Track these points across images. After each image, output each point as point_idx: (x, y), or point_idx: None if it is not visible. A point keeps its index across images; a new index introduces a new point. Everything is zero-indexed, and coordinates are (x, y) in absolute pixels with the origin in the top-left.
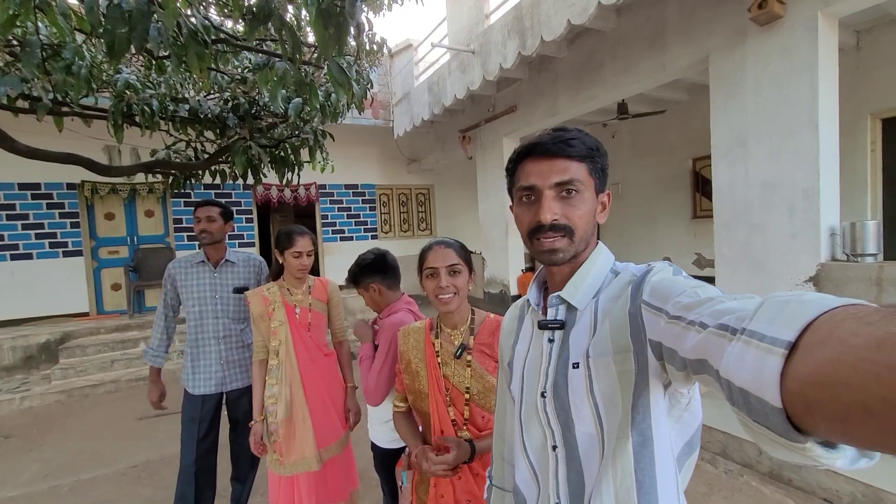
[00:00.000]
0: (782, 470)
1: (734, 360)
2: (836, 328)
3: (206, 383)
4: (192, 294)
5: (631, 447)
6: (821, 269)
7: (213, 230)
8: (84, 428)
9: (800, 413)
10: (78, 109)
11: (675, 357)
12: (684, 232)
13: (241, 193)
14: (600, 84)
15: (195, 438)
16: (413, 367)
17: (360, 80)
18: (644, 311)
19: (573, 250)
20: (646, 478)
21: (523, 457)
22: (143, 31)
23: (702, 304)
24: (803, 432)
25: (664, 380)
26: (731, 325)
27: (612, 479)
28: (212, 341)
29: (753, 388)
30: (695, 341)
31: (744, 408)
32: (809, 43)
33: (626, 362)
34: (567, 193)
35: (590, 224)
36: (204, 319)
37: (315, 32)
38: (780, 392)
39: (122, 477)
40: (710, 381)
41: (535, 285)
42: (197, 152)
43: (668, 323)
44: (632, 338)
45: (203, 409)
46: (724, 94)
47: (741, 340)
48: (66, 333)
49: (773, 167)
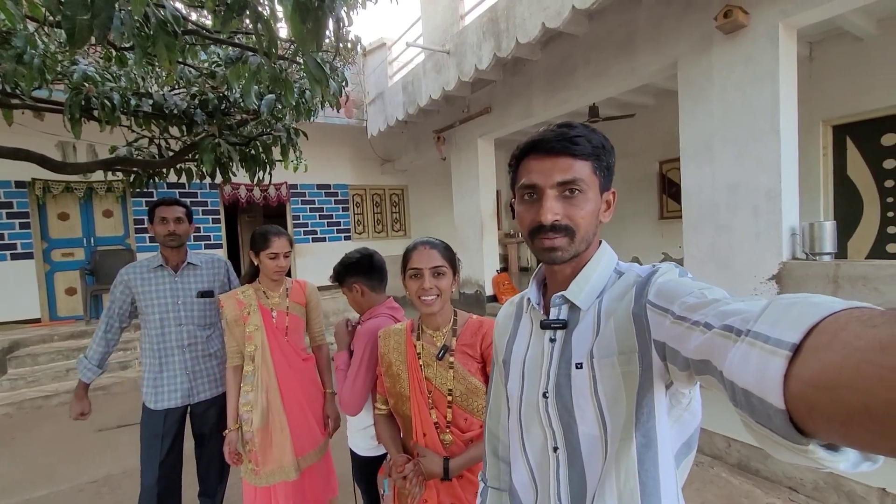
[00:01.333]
0: (750, 461)
1: (738, 361)
2: (840, 331)
3: (170, 396)
4: (152, 301)
5: (635, 449)
6: (783, 267)
7: (181, 232)
8: (36, 442)
9: (802, 415)
10: (30, 102)
11: (678, 357)
12: (652, 232)
13: (208, 193)
14: (573, 87)
15: (158, 457)
16: (394, 369)
17: (335, 77)
18: (649, 311)
19: (573, 250)
20: (649, 479)
21: (522, 458)
22: (106, 19)
23: (708, 304)
24: (806, 435)
25: (666, 380)
26: (737, 326)
27: (615, 481)
28: (175, 351)
29: (757, 389)
30: (699, 342)
31: (747, 409)
32: (771, 52)
33: (631, 363)
34: (570, 193)
35: (592, 224)
36: (166, 328)
37: (292, 27)
38: (784, 394)
39: (80, 493)
40: (713, 382)
41: (534, 284)
42: (161, 149)
43: (672, 323)
44: (636, 338)
45: (166, 424)
46: (692, 99)
47: (746, 342)
48: (16, 341)
49: (738, 170)
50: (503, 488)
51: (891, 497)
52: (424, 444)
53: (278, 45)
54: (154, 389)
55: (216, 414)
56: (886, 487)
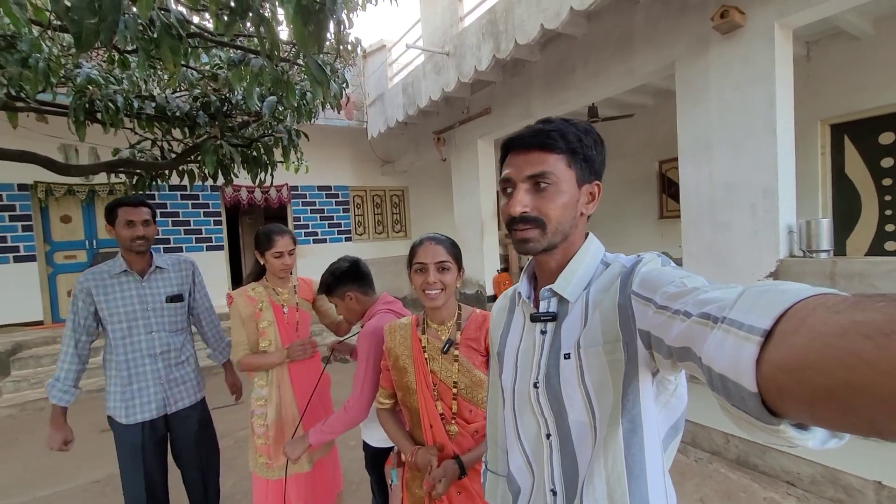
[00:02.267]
0: (748, 456)
1: (715, 347)
2: (807, 317)
3: (143, 408)
4: (117, 309)
5: (621, 434)
6: (780, 264)
7: (150, 235)
8: (40, 443)
9: (773, 397)
10: (34, 105)
11: (662, 345)
12: (652, 232)
13: (209, 195)
14: (572, 88)
15: (140, 467)
16: (401, 363)
17: (336, 78)
18: (633, 301)
19: (546, 242)
20: (635, 463)
21: (517, 445)
22: (112, 23)
23: (687, 293)
24: (777, 415)
25: (652, 368)
26: (713, 314)
27: (603, 465)
28: (147, 360)
29: (732, 373)
30: (679, 329)
31: (723, 393)
32: (767, 52)
33: (616, 352)
34: (540, 186)
35: (566, 216)
36: (134, 336)
37: (294, 29)
38: (756, 377)
39: (84, 493)
40: (695, 368)
41: (525, 277)
42: (163, 151)
43: (655, 312)
44: (621, 328)
45: (144, 434)
46: (690, 99)
47: (721, 329)
48: (19, 343)
49: (736, 169)
50: (502, 474)
51: (886, 490)
52: (432, 435)
53: (280, 48)
54: (123, 403)
55: (197, 422)
56: (882, 480)
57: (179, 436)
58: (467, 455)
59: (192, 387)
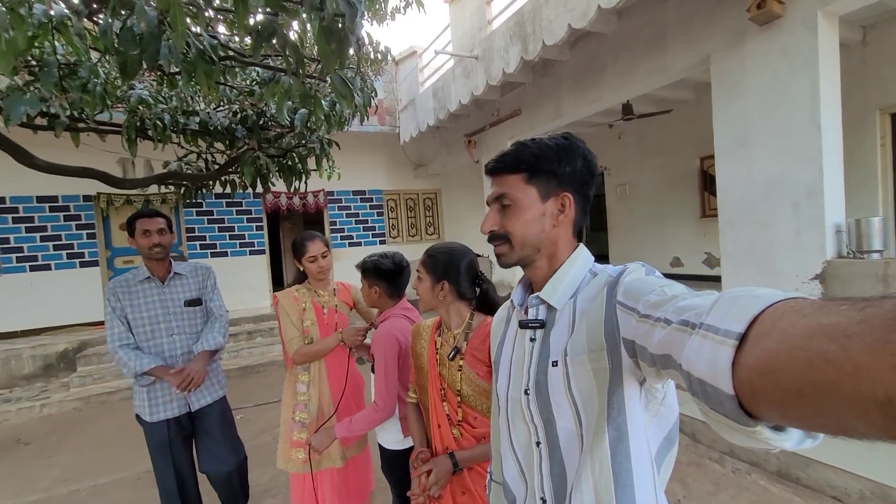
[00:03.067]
0: (790, 469)
1: (693, 352)
2: (778, 320)
3: (166, 407)
4: (141, 313)
5: (607, 442)
6: (826, 266)
7: (166, 243)
8: (101, 434)
9: (748, 399)
10: (93, 125)
11: (646, 353)
12: (693, 231)
13: (252, 202)
14: (603, 86)
15: (169, 462)
16: (420, 362)
17: (364, 89)
18: (618, 310)
19: (515, 255)
20: (622, 471)
21: (510, 453)
22: (153, 52)
23: (667, 301)
24: (753, 417)
25: (639, 377)
26: (691, 320)
27: (590, 473)
28: (168, 362)
29: (709, 377)
30: (661, 337)
31: (702, 397)
32: (809, 41)
33: (601, 360)
34: (503, 206)
35: (530, 230)
36: (157, 339)
37: (318, 47)
38: (732, 380)
39: (138, 482)
40: (676, 375)
41: (520, 286)
42: (207, 163)
43: (638, 321)
44: (605, 336)
45: (170, 431)
46: (726, 94)
47: (699, 334)
48: (84, 342)
49: (777, 165)
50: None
51: None
52: (439, 435)
53: (305, 65)
54: (148, 402)
55: (219, 417)
56: None
57: (201, 431)
58: (462, 452)
59: (213, 385)
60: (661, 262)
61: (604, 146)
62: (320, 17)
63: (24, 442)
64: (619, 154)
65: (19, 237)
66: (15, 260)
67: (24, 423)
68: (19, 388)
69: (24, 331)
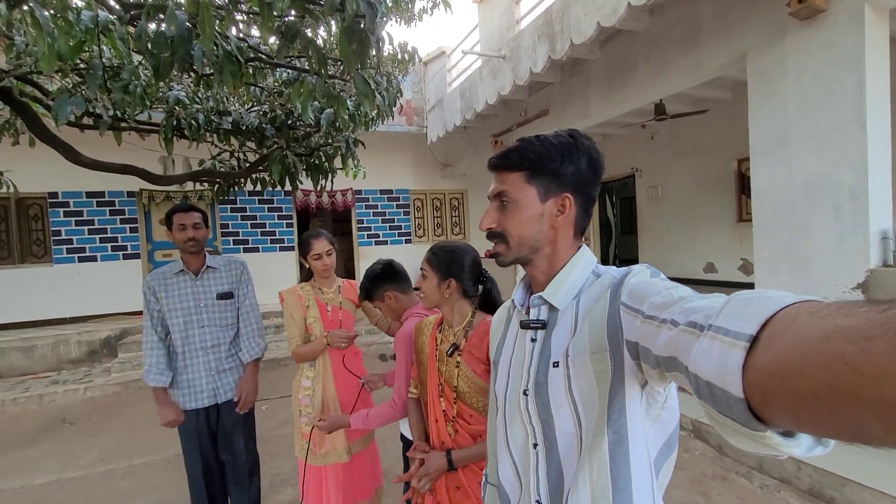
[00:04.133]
0: (823, 488)
1: (701, 354)
2: (791, 322)
3: (197, 397)
4: (175, 306)
5: (606, 445)
6: (870, 275)
7: (200, 237)
8: (137, 417)
9: (759, 403)
10: (134, 124)
11: (650, 355)
12: (728, 236)
13: (283, 199)
14: (634, 85)
15: (197, 450)
16: (421, 357)
17: (389, 89)
18: (622, 312)
19: (512, 255)
20: (620, 475)
21: (506, 454)
22: (184, 54)
23: (674, 303)
24: (763, 422)
25: (641, 379)
26: (700, 322)
27: (588, 476)
28: (199, 353)
29: (718, 380)
30: (667, 338)
31: (709, 400)
32: (855, 36)
33: (603, 361)
34: (502, 204)
35: (528, 230)
36: (190, 331)
37: (340, 47)
38: (742, 383)
39: (168, 464)
40: (681, 378)
41: (521, 286)
42: (239, 161)
43: (643, 322)
44: (608, 338)
45: (198, 421)
46: (764, 92)
47: (708, 336)
48: (125, 330)
49: (817, 167)
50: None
51: None
52: (436, 430)
53: (328, 65)
54: (181, 391)
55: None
56: None
57: (224, 423)
58: (458, 452)
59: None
60: (694, 268)
61: (635, 147)
62: (341, 17)
63: (69, 422)
64: (651, 155)
65: (69, 230)
66: (65, 251)
67: (69, 404)
68: (66, 371)
69: (72, 318)
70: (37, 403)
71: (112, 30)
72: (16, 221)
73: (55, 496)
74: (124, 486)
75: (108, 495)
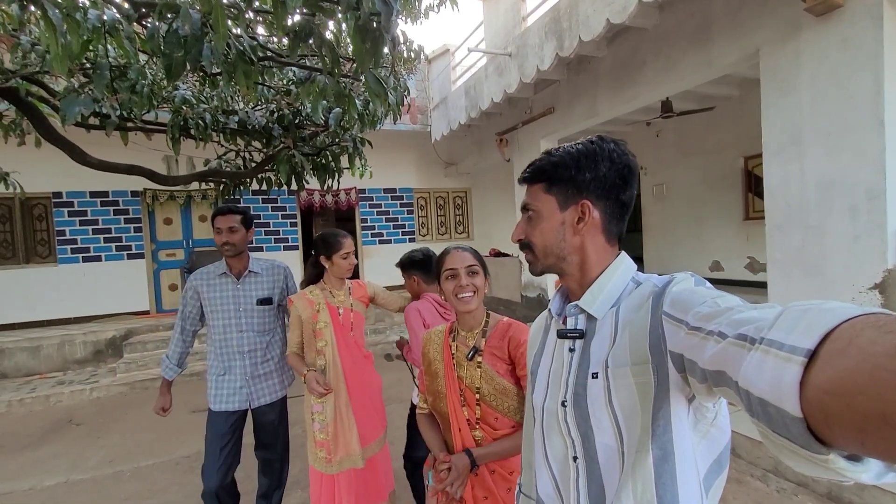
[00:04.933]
0: (842, 492)
1: (753, 369)
2: (855, 337)
3: (229, 400)
4: (216, 308)
5: (651, 461)
6: (888, 275)
7: (235, 241)
8: (144, 418)
9: (819, 423)
10: (140, 124)
11: (696, 368)
12: (735, 234)
13: (286, 198)
14: (642, 82)
15: (217, 461)
16: (434, 367)
17: (397, 88)
18: (665, 321)
19: (539, 264)
20: (667, 493)
21: (545, 467)
22: (196, 54)
23: (721, 313)
24: (825, 444)
25: (687, 393)
26: (750, 334)
27: (632, 492)
28: (236, 356)
29: (773, 397)
30: (714, 351)
31: (763, 419)
32: (874, 32)
33: (645, 374)
34: (529, 215)
35: (550, 239)
36: (228, 334)
37: (353, 46)
38: (800, 402)
39: (177, 466)
40: (731, 394)
41: (558, 295)
42: (245, 161)
43: (687, 334)
44: (651, 349)
45: (226, 425)
46: (777, 89)
47: (760, 350)
48: (130, 330)
49: (832, 166)
50: (534, 497)
51: None
52: (460, 438)
53: (340, 65)
54: (216, 392)
55: (276, 417)
56: None
57: (260, 427)
58: (479, 449)
59: (274, 384)
60: (700, 266)
61: (641, 145)
62: (356, 16)
63: (76, 423)
64: (656, 153)
65: (74, 230)
66: (70, 251)
67: (75, 405)
68: (72, 372)
69: (77, 318)
70: (43, 404)
71: (119, 29)
72: (20, 221)
73: (64, 498)
74: (133, 489)
75: (117, 497)
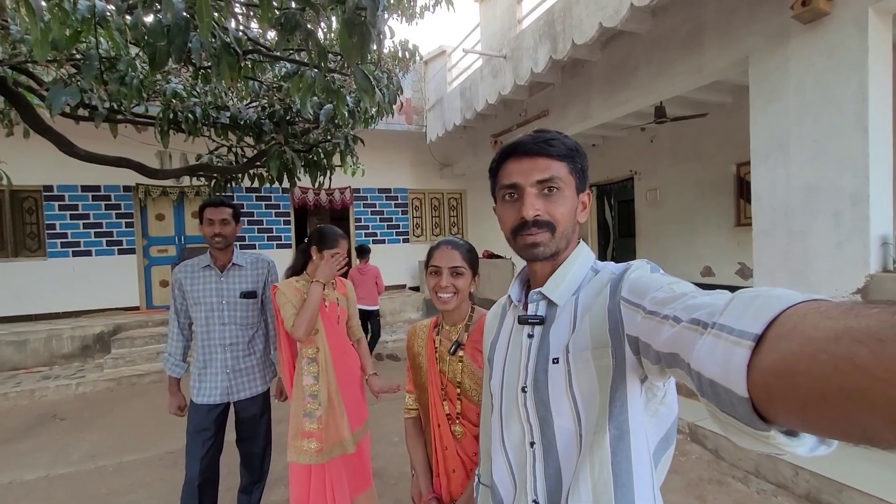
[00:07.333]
0: (820, 494)
1: (705, 352)
2: (799, 322)
3: (211, 393)
4: (199, 300)
5: (608, 441)
6: (870, 280)
7: (227, 234)
8: (130, 414)
9: (763, 402)
10: (130, 117)
11: (650, 350)
12: (726, 240)
13: (280, 196)
14: (635, 87)
15: (200, 451)
16: (418, 361)
17: (389, 86)
18: (622, 306)
19: (554, 246)
20: (622, 471)
21: (501, 453)
22: (181, 44)
23: (676, 299)
24: (767, 421)
25: (641, 374)
26: (703, 319)
27: (589, 473)
28: (218, 349)
29: (722, 378)
30: (668, 335)
31: (713, 399)
32: (859, 41)
33: (605, 357)
34: (549, 191)
35: (571, 221)
36: (210, 326)
37: (340, 40)
38: (747, 383)
39: (160, 461)
40: (683, 375)
41: (517, 282)
42: (237, 157)
43: (644, 318)
44: (610, 333)
45: (208, 418)
46: (765, 96)
47: (711, 334)
48: (118, 325)
49: (817, 172)
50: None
51: None
52: (439, 434)
53: (327, 59)
54: (198, 384)
55: (258, 411)
56: None
57: (241, 421)
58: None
59: (255, 379)
60: (692, 271)
61: (634, 150)
62: (342, 10)
63: (60, 417)
64: (650, 158)
65: (64, 224)
66: (59, 245)
67: (61, 400)
68: (58, 367)
69: (65, 312)
70: (28, 398)
71: (109, 20)
72: (10, 214)
73: (44, 492)
74: (115, 483)
75: (98, 492)
